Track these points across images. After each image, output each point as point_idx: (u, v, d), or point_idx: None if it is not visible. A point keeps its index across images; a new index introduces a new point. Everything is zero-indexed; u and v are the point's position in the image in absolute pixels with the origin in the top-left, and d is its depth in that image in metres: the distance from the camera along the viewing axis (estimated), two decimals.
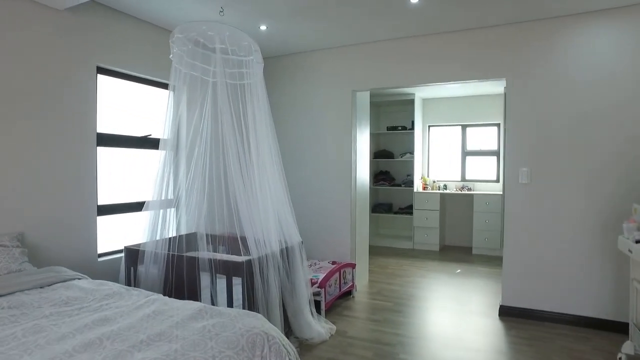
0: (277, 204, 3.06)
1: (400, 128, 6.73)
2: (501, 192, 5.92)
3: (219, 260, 2.71)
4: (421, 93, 6.47)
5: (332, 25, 3.62)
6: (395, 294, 4.19)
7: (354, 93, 4.19)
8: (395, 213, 6.89)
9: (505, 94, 5.96)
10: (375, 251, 6.23)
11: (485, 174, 6.56)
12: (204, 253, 3.10)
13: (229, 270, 2.66)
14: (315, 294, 3.45)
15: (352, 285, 4.09)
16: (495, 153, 6.46)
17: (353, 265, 4.11)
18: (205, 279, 2.79)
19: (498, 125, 6.40)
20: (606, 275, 3.17)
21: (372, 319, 3.53)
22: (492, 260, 5.62)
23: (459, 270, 5.10)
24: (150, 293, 2.20)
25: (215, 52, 2.90)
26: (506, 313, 3.50)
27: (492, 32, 3.51)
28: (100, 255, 3.19)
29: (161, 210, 3.07)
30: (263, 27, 3.67)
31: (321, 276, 3.62)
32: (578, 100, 3.23)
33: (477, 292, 4.27)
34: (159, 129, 3.27)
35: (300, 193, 4.40)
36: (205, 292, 2.82)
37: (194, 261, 2.77)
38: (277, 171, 3.07)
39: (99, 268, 3.10)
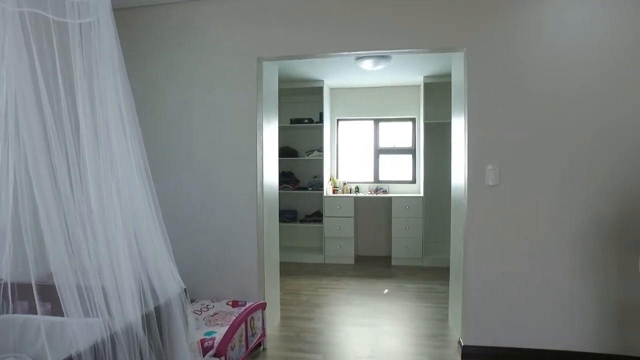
0: (138, 228, 1.72)
1: (306, 121, 5.70)
2: (422, 195, 5.29)
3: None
4: (330, 81, 5.53)
5: None
6: (320, 337, 3.10)
7: (260, 63, 2.99)
8: (302, 221, 5.84)
9: (423, 85, 5.40)
10: (280, 269, 5.08)
11: (400, 175, 5.90)
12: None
13: None
14: None
15: (263, 334, 2.88)
16: (411, 151, 5.84)
17: (263, 306, 2.90)
18: None
19: (414, 120, 5.78)
20: (604, 299, 2.52)
21: None
22: (416, 273, 4.91)
23: (386, 291, 4.24)
24: None
25: None
26: (471, 355, 2.66)
27: None
28: None
29: None
30: None
31: (218, 334, 2.34)
32: (559, 78, 2.53)
33: (419, 321, 3.41)
34: None
35: (180, 207, 3.04)
36: None
37: None
38: (138, 174, 1.73)
39: None
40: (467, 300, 2.69)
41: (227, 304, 2.87)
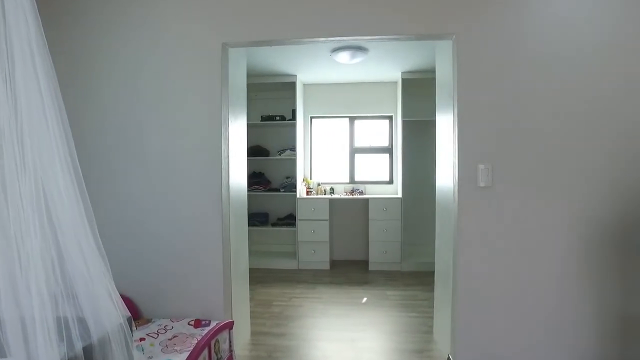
0: (65, 243, 1.35)
1: (278, 118, 5.36)
2: (400, 196, 5.05)
3: None
4: (303, 76, 5.22)
5: None
6: (295, 356, 2.78)
7: (225, 49, 2.64)
8: (273, 225, 5.49)
9: (401, 81, 5.14)
10: (250, 276, 4.71)
11: (376, 175, 5.64)
12: None
13: None
14: None
15: (230, 358, 2.53)
16: (388, 150, 5.59)
17: (230, 325, 2.55)
18: None
19: (390, 117, 5.55)
20: (606, 310, 2.31)
21: None
22: (396, 278, 4.67)
23: (365, 299, 3.96)
24: None
25: None
26: None
27: None
28: None
29: None
30: None
31: None
32: (560, 68, 2.31)
33: (403, 335, 3.14)
34: None
35: (133, 215, 2.65)
36: None
37: None
38: (66, 176, 1.37)
39: None
40: (458, 314, 2.44)
41: (189, 323, 2.50)
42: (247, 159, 5.33)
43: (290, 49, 4.11)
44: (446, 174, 2.66)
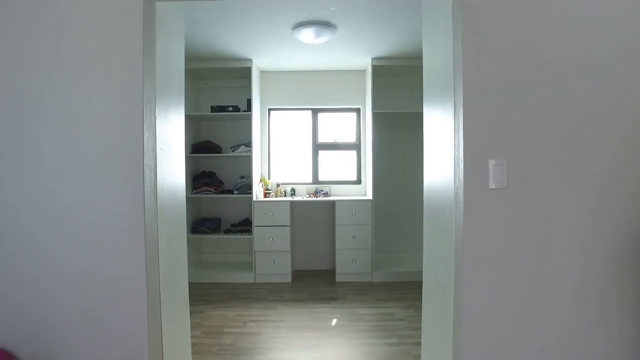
0: None
1: (231, 109, 4.64)
2: (370, 198, 4.48)
3: None
4: (260, 60, 4.54)
5: None
6: None
7: (150, 2, 1.92)
8: (226, 232, 4.76)
9: (371, 67, 4.50)
10: (197, 294, 3.99)
11: (343, 174, 5.06)
12: None
13: None
14: None
15: None
16: (355, 146, 5.02)
17: None
18: None
19: (358, 110, 4.98)
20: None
21: None
22: (367, 291, 4.10)
23: (335, 321, 3.35)
24: None
25: None
26: None
27: None
28: None
29: None
30: None
31: None
32: (597, 34, 1.80)
33: None
34: None
35: (8, 226, 1.88)
36: None
37: None
38: None
39: None
40: (462, 347, 1.87)
41: None
42: (196, 156, 4.57)
43: (245, 25, 3.44)
44: (443, 172, 2.10)
